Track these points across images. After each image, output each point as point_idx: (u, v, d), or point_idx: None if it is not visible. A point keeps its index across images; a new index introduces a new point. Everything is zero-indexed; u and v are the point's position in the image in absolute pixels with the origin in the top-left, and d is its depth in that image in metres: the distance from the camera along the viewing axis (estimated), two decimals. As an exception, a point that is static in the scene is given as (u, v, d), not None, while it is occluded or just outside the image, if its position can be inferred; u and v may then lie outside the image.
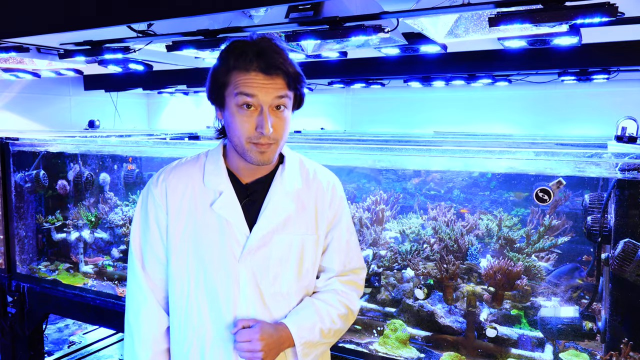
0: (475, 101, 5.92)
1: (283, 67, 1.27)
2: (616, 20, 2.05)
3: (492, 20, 2.05)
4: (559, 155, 2.04)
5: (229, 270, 1.36)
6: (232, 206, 1.37)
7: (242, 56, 1.26)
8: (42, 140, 3.42)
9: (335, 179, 1.52)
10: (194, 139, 4.68)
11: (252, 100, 1.26)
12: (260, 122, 1.27)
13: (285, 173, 1.42)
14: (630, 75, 4.66)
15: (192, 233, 1.38)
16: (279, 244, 1.38)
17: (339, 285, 1.48)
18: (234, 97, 1.28)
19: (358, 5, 2.32)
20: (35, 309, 3.23)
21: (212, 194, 1.38)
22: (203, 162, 1.43)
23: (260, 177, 1.41)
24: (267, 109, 1.27)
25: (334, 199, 1.48)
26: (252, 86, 1.26)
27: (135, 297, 1.44)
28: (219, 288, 1.37)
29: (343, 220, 1.50)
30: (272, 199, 1.39)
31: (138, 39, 2.88)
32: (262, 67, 1.26)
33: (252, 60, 1.26)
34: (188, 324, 1.40)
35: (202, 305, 1.38)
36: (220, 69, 1.30)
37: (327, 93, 6.56)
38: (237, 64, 1.27)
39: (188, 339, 1.40)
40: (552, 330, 2.10)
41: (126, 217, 3.40)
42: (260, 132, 1.27)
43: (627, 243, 1.88)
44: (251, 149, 1.30)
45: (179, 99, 7.58)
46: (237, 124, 1.28)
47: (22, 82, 5.69)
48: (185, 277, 1.39)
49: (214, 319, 1.38)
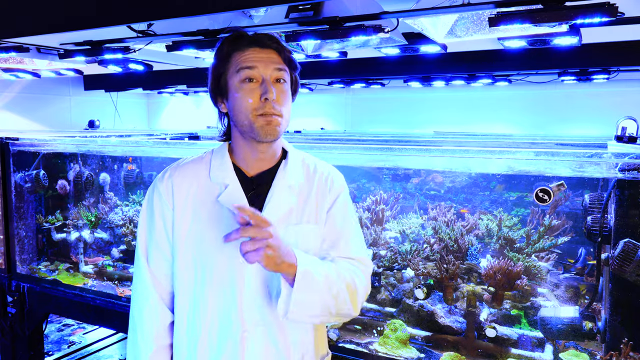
0: (475, 101, 5.92)
1: (277, 44, 1.36)
2: (616, 20, 2.05)
3: (492, 20, 2.05)
4: (559, 155, 2.04)
5: (234, 264, 1.37)
6: (238, 198, 1.38)
7: (237, 40, 1.35)
8: (42, 140, 3.42)
9: (335, 172, 1.53)
10: (194, 139, 4.68)
11: (253, 72, 1.32)
12: (264, 89, 1.31)
13: (288, 167, 1.45)
14: (630, 75, 4.66)
15: (198, 228, 1.39)
16: (283, 237, 1.37)
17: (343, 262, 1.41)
18: (235, 74, 1.34)
19: (358, 5, 2.32)
20: (35, 309, 3.23)
21: (218, 187, 1.40)
22: (209, 158, 1.46)
23: (265, 170, 1.43)
24: (268, 78, 1.33)
25: (332, 189, 1.49)
26: (251, 60, 1.33)
27: (140, 293, 1.46)
28: (225, 281, 1.38)
29: (339, 208, 1.47)
30: (275, 192, 1.41)
31: (138, 39, 2.88)
32: (257, 43, 1.35)
33: (248, 40, 1.35)
34: (196, 319, 1.40)
35: (209, 300, 1.39)
36: (218, 60, 1.37)
37: (327, 93, 6.56)
38: (234, 47, 1.35)
39: (196, 333, 1.41)
40: (552, 330, 2.10)
41: (126, 217, 3.40)
42: (265, 99, 1.31)
43: (627, 243, 1.88)
44: (258, 121, 1.32)
45: (179, 99, 7.58)
46: (242, 98, 1.32)
47: (22, 82, 5.69)
48: (192, 272, 1.40)
49: (221, 313, 1.38)
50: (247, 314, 1.38)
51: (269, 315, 1.40)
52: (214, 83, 1.39)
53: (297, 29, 2.49)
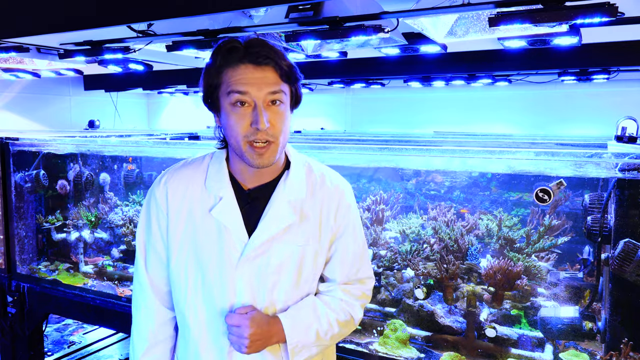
0: (475, 101, 5.92)
1: (273, 58, 1.24)
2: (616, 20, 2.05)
3: (492, 20, 2.05)
4: (559, 155, 2.04)
5: (225, 276, 1.35)
6: (231, 212, 1.34)
7: (231, 52, 1.25)
8: (42, 140, 3.42)
9: (346, 185, 1.47)
10: (194, 139, 4.68)
11: (244, 97, 1.23)
12: (255, 117, 1.23)
13: (289, 180, 1.38)
14: (630, 75, 4.65)
15: (191, 236, 1.37)
16: (277, 253, 1.35)
17: (341, 294, 1.44)
18: (226, 96, 1.25)
19: (358, 5, 2.32)
20: (35, 309, 3.23)
21: (212, 198, 1.36)
22: (207, 164, 1.41)
23: (264, 183, 1.38)
24: (261, 104, 1.24)
25: (340, 208, 1.42)
26: (242, 82, 1.23)
27: (138, 295, 1.47)
28: (215, 293, 1.36)
29: (349, 230, 1.44)
30: (272, 208, 1.35)
31: (138, 39, 2.88)
32: (251, 58, 1.23)
33: (241, 54, 1.24)
34: (185, 324, 1.41)
35: (199, 308, 1.38)
36: (211, 70, 1.28)
37: (327, 93, 6.56)
38: (226, 61, 1.25)
39: (185, 338, 1.42)
40: (552, 330, 2.10)
41: (126, 217, 3.40)
42: (255, 127, 1.23)
43: (627, 243, 1.88)
44: (248, 151, 1.26)
45: (179, 99, 7.58)
46: (232, 123, 1.25)
47: (22, 82, 5.69)
48: (184, 279, 1.39)
49: (210, 324, 1.37)
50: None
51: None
52: (206, 94, 1.31)
53: (297, 29, 2.49)
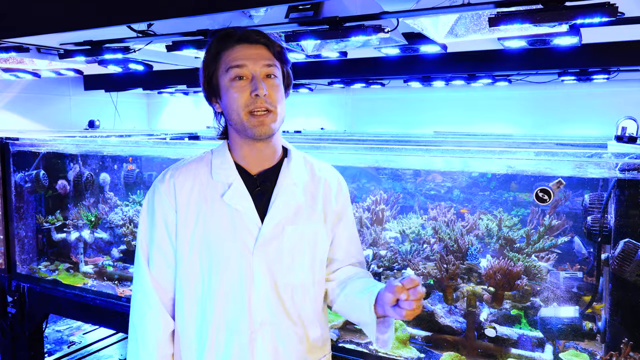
0: (475, 101, 5.92)
1: (266, 38, 1.36)
2: (616, 20, 2.05)
3: (492, 20, 2.05)
4: (559, 155, 2.04)
5: (242, 263, 1.35)
6: (242, 197, 1.37)
7: (225, 38, 1.35)
8: (42, 140, 3.42)
9: (340, 175, 1.56)
10: (194, 139, 4.68)
11: (242, 70, 1.32)
12: (254, 86, 1.31)
13: (291, 165, 1.44)
14: (630, 75, 4.66)
15: (202, 228, 1.37)
16: (291, 235, 1.39)
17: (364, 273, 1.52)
18: (225, 74, 1.33)
19: (358, 5, 2.32)
20: (35, 309, 3.23)
21: (221, 186, 1.38)
22: (209, 158, 1.44)
23: (268, 168, 1.43)
24: (258, 75, 1.32)
25: (340, 193, 1.51)
26: (239, 58, 1.32)
27: (141, 299, 1.42)
28: (233, 281, 1.36)
29: (349, 212, 1.54)
30: (281, 190, 1.40)
31: (138, 39, 2.88)
32: (246, 40, 1.34)
33: (236, 38, 1.35)
34: (204, 321, 1.38)
35: (216, 300, 1.36)
36: (207, 60, 1.37)
37: (327, 93, 6.57)
38: (223, 46, 1.35)
39: (205, 336, 1.38)
40: (552, 330, 2.10)
41: (126, 217, 3.40)
42: (255, 95, 1.30)
43: (627, 243, 1.88)
44: (250, 120, 1.32)
45: (178, 99, 7.58)
46: (233, 96, 1.32)
47: (22, 82, 5.69)
48: (198, 273, 1.37)
49: (229, 313, 1.36)
50: (256, 313, 1.36)
51: (277, 314, 1.38)
52: (205, 83, 1.39)
53: (297, 29, 2.49)
